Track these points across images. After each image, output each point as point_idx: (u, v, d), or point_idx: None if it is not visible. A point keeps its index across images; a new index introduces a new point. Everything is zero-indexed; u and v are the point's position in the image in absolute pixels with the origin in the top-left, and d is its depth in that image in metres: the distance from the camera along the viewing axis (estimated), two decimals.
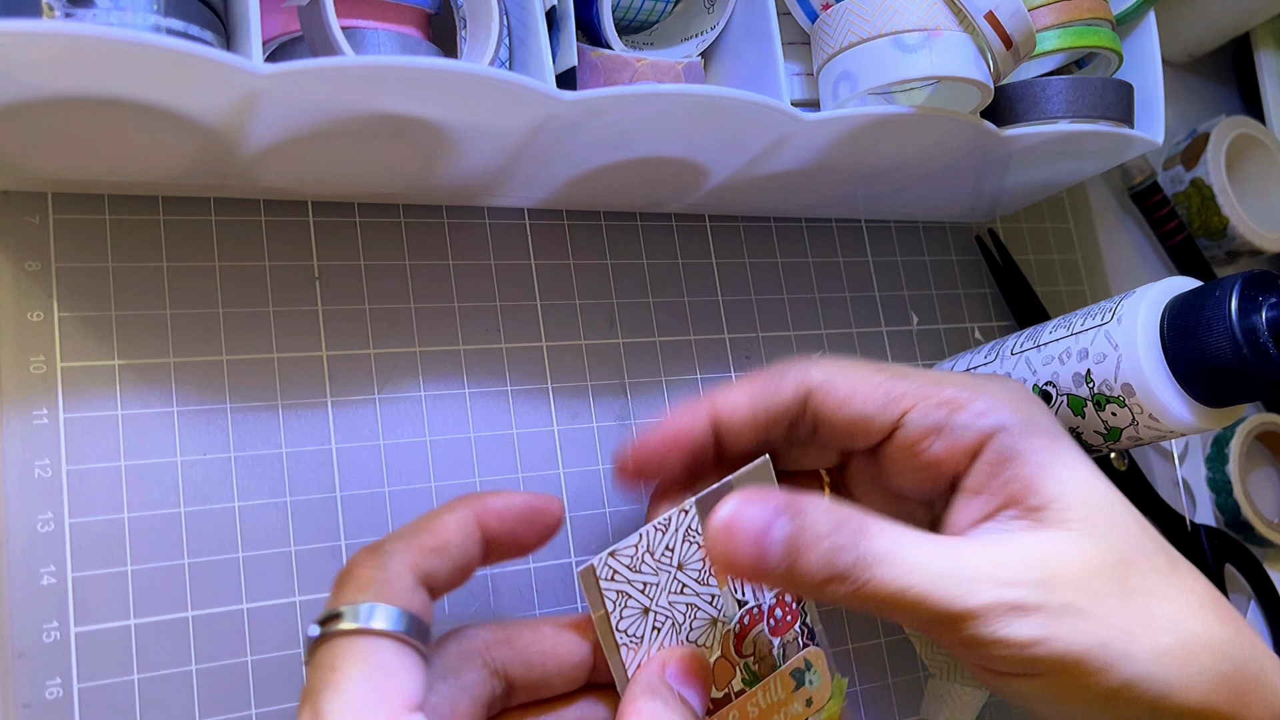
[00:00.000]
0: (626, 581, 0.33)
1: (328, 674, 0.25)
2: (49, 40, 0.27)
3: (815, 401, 0.34)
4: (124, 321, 0.37)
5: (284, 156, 0.36)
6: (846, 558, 0.29)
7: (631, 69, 0.38)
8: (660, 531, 0.34)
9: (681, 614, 0.34)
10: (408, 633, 0.26)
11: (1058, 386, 0.42)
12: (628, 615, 0.33)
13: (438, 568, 0.29)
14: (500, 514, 0.31)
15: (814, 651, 0.37)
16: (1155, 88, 0.47)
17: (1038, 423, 0.32)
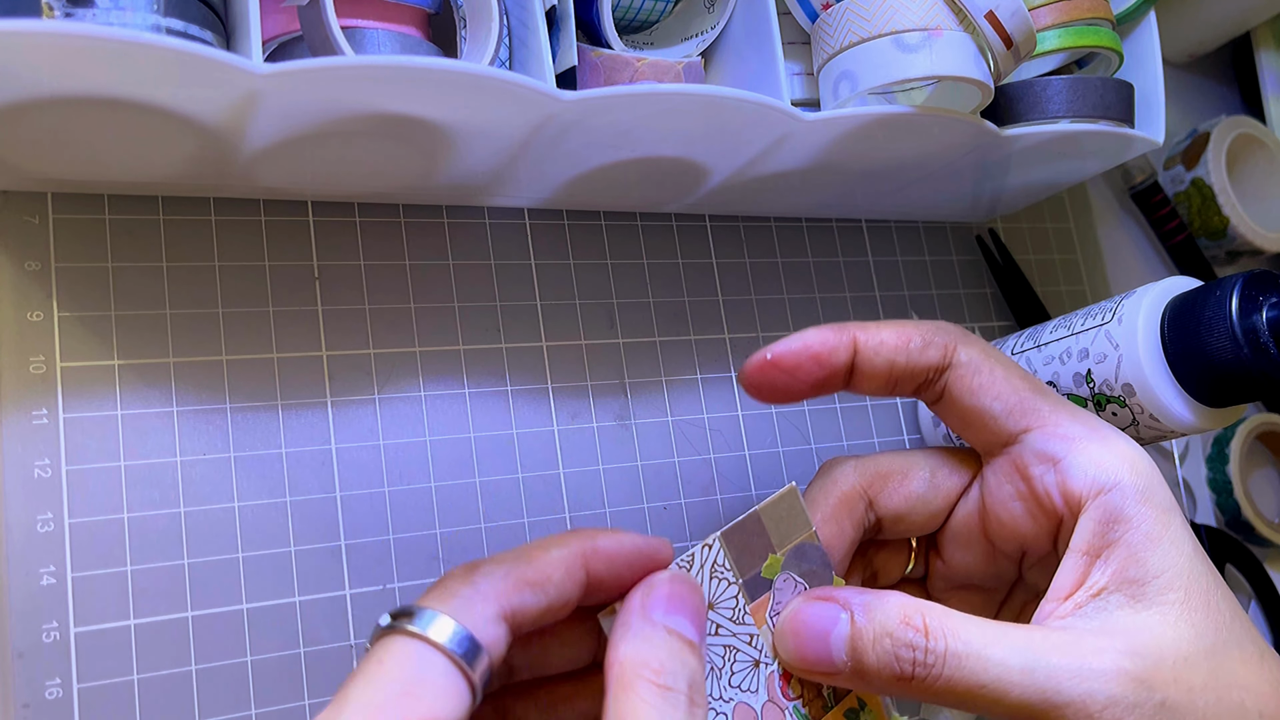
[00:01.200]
0: None
1: (373, 665, 0.25)
2: (49, 40, 0.27)
3: (953, 377, 0.33)
4: (124, 321, 0.37)
5: (284, 156, 0.36)
6: (912, 655, 0.28)
7: (631, 69, 0.38)
8: (684, 568, 0.31)
9: (720, 657, 0.31)
10: (465, 657, 0.25)
11: (1058, 386, 0.42)
12: None
13: (529, 604, 0.27)
14: (609, 557, 0.29)
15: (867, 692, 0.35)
16: (1155, 88, 0.47)
17: (1152, 489, 0.31)
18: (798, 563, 0.34)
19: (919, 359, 0.33)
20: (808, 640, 0.29)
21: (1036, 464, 0.32)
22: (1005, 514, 0.34)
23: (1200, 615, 0.29)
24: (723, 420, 0.46)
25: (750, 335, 0.48)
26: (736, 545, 0.32)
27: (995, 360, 0.33)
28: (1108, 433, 0.32)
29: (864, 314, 0.51)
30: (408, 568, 0.38)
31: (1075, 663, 0.28)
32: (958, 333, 0.33)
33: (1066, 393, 0.41)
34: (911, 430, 0.50)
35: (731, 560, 0.32)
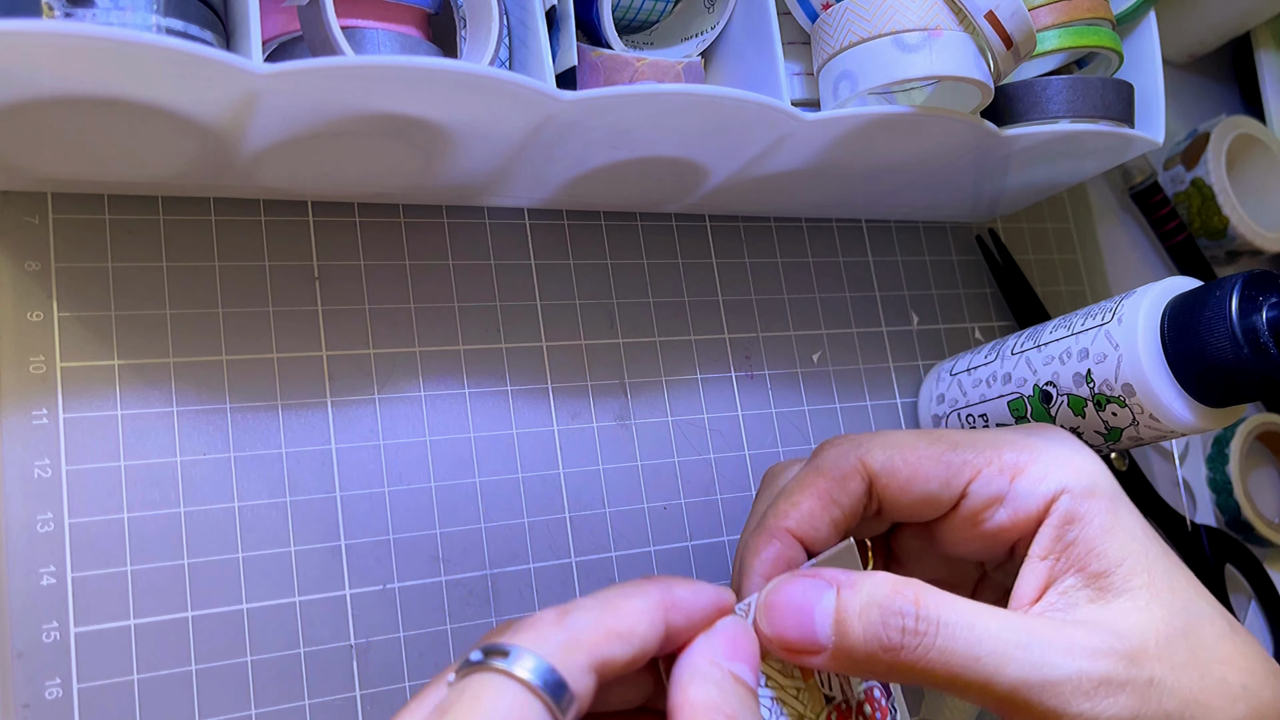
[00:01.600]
0: None
1: (469, 700, 0.25)
2: (49, 40, 0.27)
3: (879, 486, 0.33)
4: (124, 321, 0.37)
5: (284, 156, 0.36)
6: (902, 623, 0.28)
7: (631, 69, 0.38)
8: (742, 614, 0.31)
9: (767, 712, 0.31)
10: (561, 706, 0.25)
11: (1058, 386, 0.42)
12: None
13: (617, 654, 0.27)
14: (688, 610, 0.29)
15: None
16: (1155, 88, 0.47)
17: (1096, 483, 0.32)
18: None
19: (846, 500, 0.33)
20: (789, 615, 0.29)
21: (986, 509, 0.32)
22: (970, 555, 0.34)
23: (1168, 596, 0.30)
24: (723, 420, 0.46)
25: (750, 335, 0.48)
26: None
27: (904, 446, 0.33)
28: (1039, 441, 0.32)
29: (864, 314, 0.51)
30: (408, 568, 0.38)
31: (1066, 641, 0.28)
32: (853, 448, 0.33)
33: (1067, 393, 0.41)
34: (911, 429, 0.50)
35: None
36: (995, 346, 0.46)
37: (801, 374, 0.48)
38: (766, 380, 0.47)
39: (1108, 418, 0.40)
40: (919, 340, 0.52)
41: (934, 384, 0.49)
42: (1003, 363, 0.45)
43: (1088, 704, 0.28)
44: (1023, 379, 0.43)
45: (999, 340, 0.47)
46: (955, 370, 0.48)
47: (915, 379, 0.51)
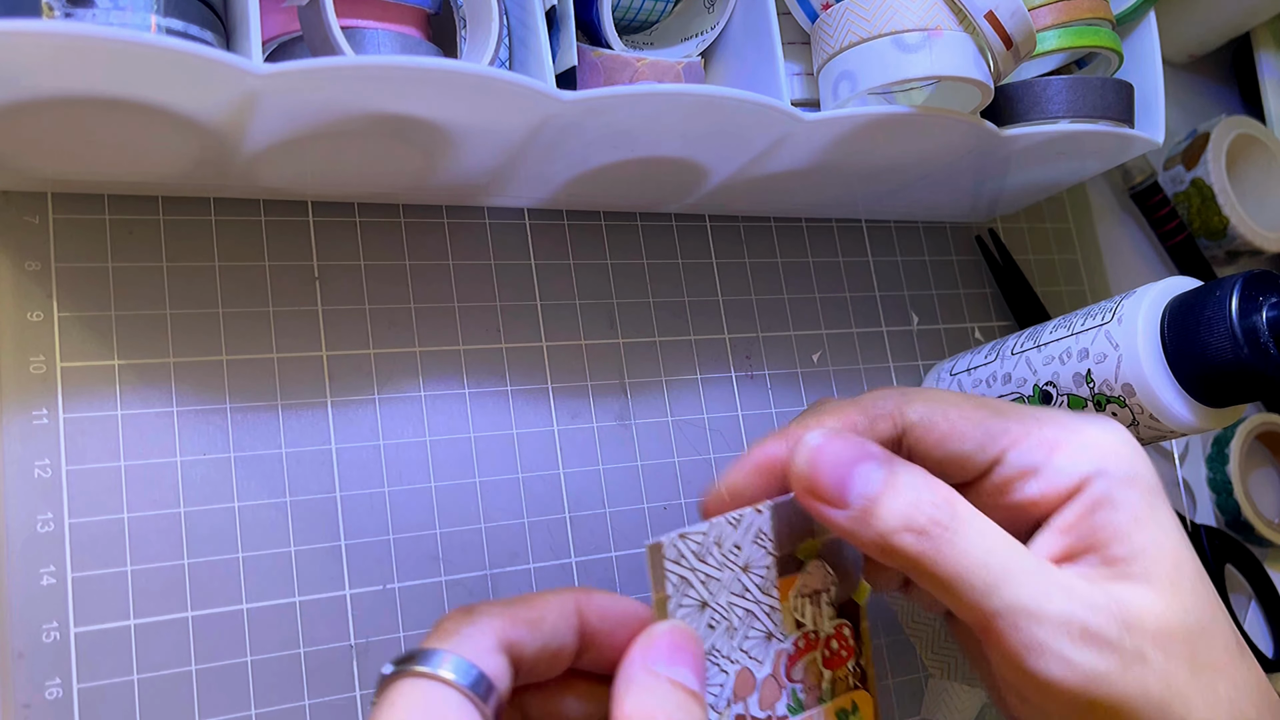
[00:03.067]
0: (690, 569, 0.31)
1: (386, 709, 0.25)
2: (49, 40, 0.27)
3: (912, 438, 0.33)
4: (124, 321, 0.37)
5: (284, 156, 0.36)
6: (934, 513, 0.28)
7: (631, 69, 0.38)
8: (732, 526, 0.32)
9: (739, 619, 0.32)
10: (474, 689, 0.26)
11: (1058, 386, 0.42)
12: (685, 605, 0.31)
13: (525, 639, 0.28)
14: (602, 609, 0.29)
15: (863, 695, 0.35)
16: (1155, 88, 0.47)
17: (1138, 472, 0.31)
18: (832, 554, 0.34)
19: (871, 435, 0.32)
20: (829, 465, 0.29)
21: (1018, 479, 0.32)
22: None
23: (1188, 597, 0.29)
24: (723, 420, 0.46)
25: (750, 335, 0.48)
26: (781, 518, 0.33)
27: (946, 404, 0.33)
28: (1084, 424, 0.32)
29: (864, 314, 0.51)
30: (408, 568, 0.38)
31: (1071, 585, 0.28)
32: (897, 395, 0.33)
33: (1067, 393, 0.41)
34: None
35: (774, 531, 0.32)
36: (995, 346, 0.46)
37: (801, 374, 0.48)
38: (766, 380, 0.47)
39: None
40: (919, 340, 0.52)
41: (934, 384, 0.49)
42: (1003, 363, 0.45)
43: (1069, 648, 0.27)
44: (1023, 379, 0.43)
45: (999, 340, 0.47)
46: (955, 370, 0.48)
47: (915, 379, 0.51)
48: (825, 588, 0.34)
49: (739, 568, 0.32)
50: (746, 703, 0.32)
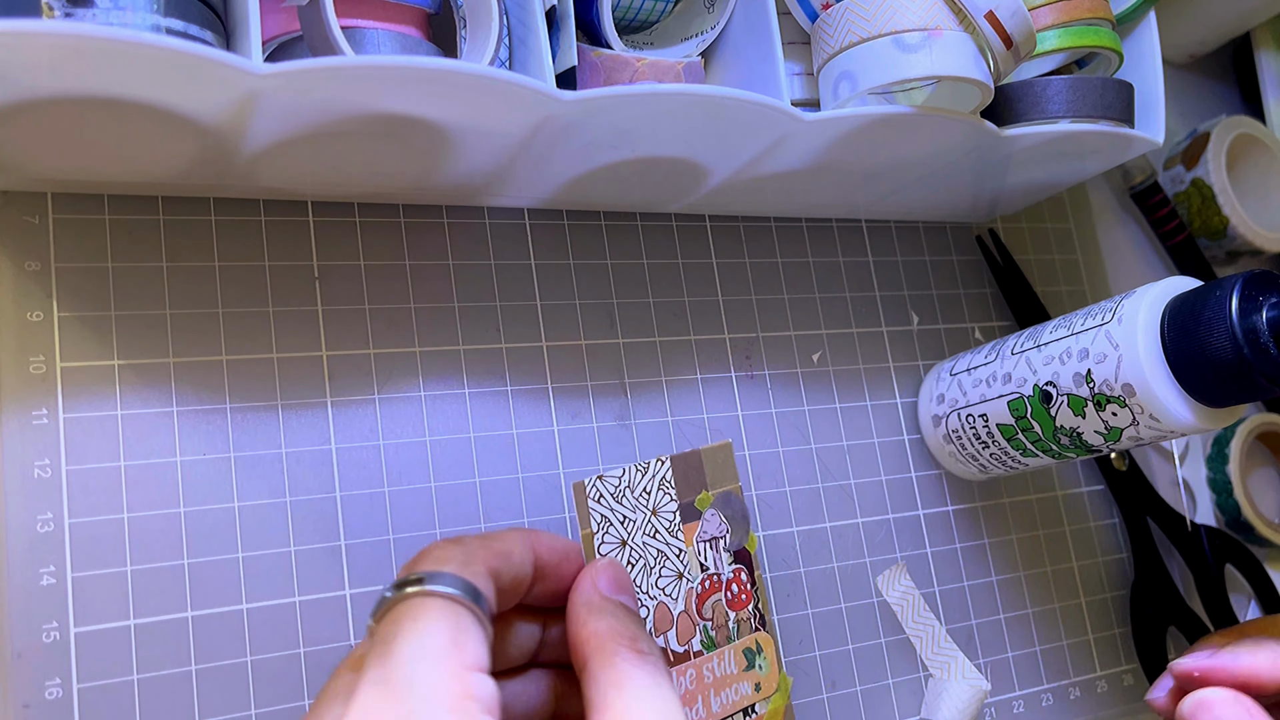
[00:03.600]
0: (610, 509, 0.36)
1: (406, 624, 0.26)
2: (49, 40, 0.27)
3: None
4: (124, 321, 0.37)
5: (284, 156, 0.36)
6: None
7: (631, 69, 0.38)
8: (640, 473, 0.36)
9: (653, 558, 0.36)
10: (481, 608, 0.27)
11: (1058, 386, 0.41)
12: (609, 541, 0.36)
13: (502, 570, 0.30)
14: (550, 545, 0.32)
15: (764, 637, 0.39)
16: (1155, 88, 0.47)
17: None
18: (724, 505, 0.39)
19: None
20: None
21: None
22: None
23: None
24: (723, 420, 0.46)
25: (750, 335, 0.48)
26: (680, 470, 0.38)
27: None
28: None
29: (864, 314, 0.51)
30: None
31: None
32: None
33: (1067, 393, 0.41)
34: (911, 430, 0.50)
35: (674, 482, 0.37)
36: (995, 346, 0.46)
37: (801, 374, 0.48)
38: (766, 380, 0.47)
39: (1108, 418, 0.40)
40: (919, 340, 0.52)
41: (934, 384, 0.49)
42: (1003, 363, 0.45)
43: None
44: (1023, 379, 0.43)
45: (999, 340, 0.47)
46: (955, 370, 0.48)
47: (915, 379, 0.51)
48: (721, 535, 0.39)
49: (649, 510, 0.37)
50: (666, 636, 0.36)
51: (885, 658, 0.46)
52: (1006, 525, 0.51)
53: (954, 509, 0.50)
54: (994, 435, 0.46)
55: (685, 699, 0.36)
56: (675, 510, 0.37)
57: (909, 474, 0.50)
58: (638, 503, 0.36)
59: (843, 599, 0.46)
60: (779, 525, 0.46)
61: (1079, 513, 0.54)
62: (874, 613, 0.47)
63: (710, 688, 0.37)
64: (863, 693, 0.45)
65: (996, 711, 0.48)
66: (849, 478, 0.48)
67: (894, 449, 0.49)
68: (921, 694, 0.47)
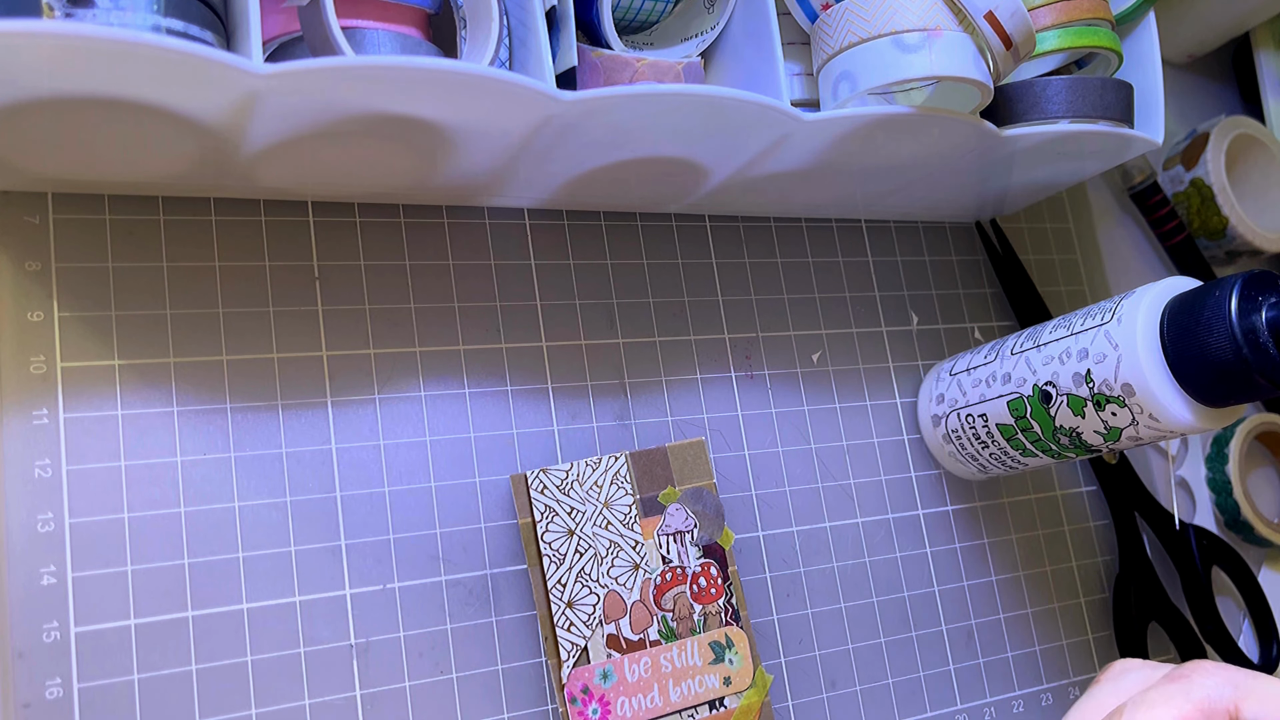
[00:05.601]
0: (555, 500, 0.38)
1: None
2: (49, 40, 0.27)
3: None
4: (124, 321, 0.37)
5: (284, 156, 0.36)
6: None
7: (631, 69, 0.38)
8: (591, 468, 0.39)
9: (604, 548, 0.38)
10: None
11: (1058, 387, 0.42)
12: (553, 530, 0.38)
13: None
14: None
15: (737, 632, 0.40)
16: (1155, 88, 0.47)
17: None
18: (693, 501, 0.41)
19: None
20: None
21: None
22: None
23: None
24: (723, 420, 0.46)
25: (750, 335, 0.48)
26: (641, 466, 0.40)
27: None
28: None
29: (864, 314, 0.51)
30: (408, 568, 0.39)
31: None
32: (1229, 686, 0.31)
33: (1066, 393, 0.41)
34: (911, 430, 0.50)
35: (633, 476, 0.40)
36: (995, 346, 0.46)
37: (801, 374, 0.48)
38: (766, 380, 0.47)
39: (1107, 418, 0.40)
40: (919, 340, 0.52)
41: (933, 384, 0.49)
42: (1002, 363, 0.45)
43: None
44: (1022, 379, 0.43)
45: (998, 340, 0.47)
46: (955, 370, 0.48)
47: (915, 379, 0.51)
48: (687, 529, 0.40)
49: (600, 504, 0.39)
50: (619, 624, 0.38)
51: (885, 658, 0.46)
52: (1006, 525, 0.51)
53: (953, 509, 0.50)
54: (994, 435, 0.46)
55: (640, 686, 0.37)
56: (632, 504, 0.39)
57: (909, 474, 0.50)
58: (587, 495, 0.38)
59: (843, 599, 0.46)
60: (779, 525, 0.46)
61: (1078, 513, 0.54)
62: (874, 612, 0.47)
63: (669, 677, 0.38)
64: (862, 692, 0.45)
65: (996, 711, 0.48)
66: (849, 477, 0.48)
67: (893, 448, 0.50)
68: (921, 693, 0.47)
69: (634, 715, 0.38)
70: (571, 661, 0.38)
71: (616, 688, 0.38)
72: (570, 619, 0.38)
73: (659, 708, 0.38)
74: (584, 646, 0.38)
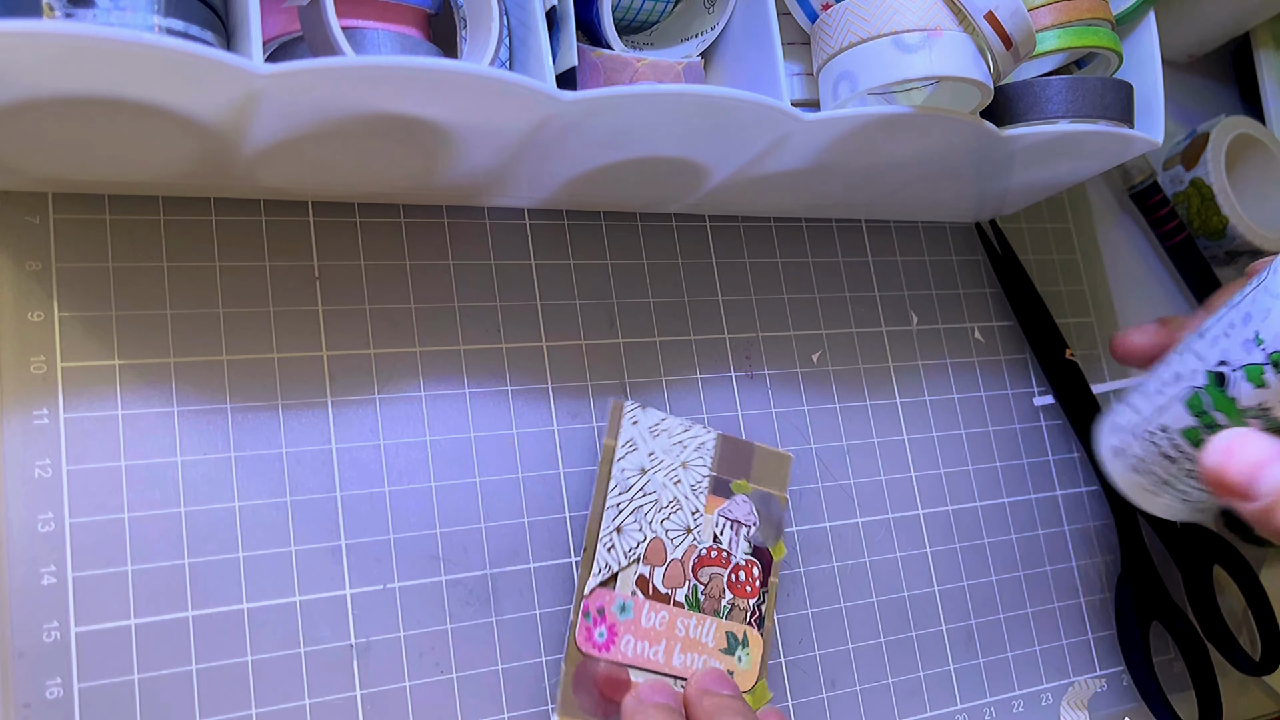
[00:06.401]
0: (642, 436, 0.40)
1: None
2: (49, 40, 0.27)
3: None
4: (124, 321, 0.37)
5: (284, 156, 0.36)
6: None
7: (631, 69, 0.38)
8: (683, 429, 0.40)
9: (667, 500, 0.40)
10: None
11: (1229, 363, 0.37)
12: (630, 461, 0.40)
13: None
14: None
15: (755, 635, 0.41)
16: (1155, 88, 0.47)
17: None
18: (761, 502, 0.42)
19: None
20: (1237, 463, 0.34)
21: None
22: None
23: None
24: (723, 420, 0.46)
25: (750, 335, 0.48)
26: (726, 449, 0.42)
27: None
28: None
29: (864, 314, 0.51)
30: (408, 568, 0.39)
31: None
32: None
33: (1240, 365, 0.36)
34: (910, 429, 0.50)
35: (717, 455, 0.42)
36: (1154, 373, 0.43)
37: (801, 374, 0.48)
38: (766, 380, 0.47)
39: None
40: (919, 340, 0.52)
41: (1107, 420, 0.45)
42: (1168, 366, 0.42)
43: None
44: (1193, 370, 0.40)
45: (1153, 370, 0.43)
46: (1124, 397, 0.44)
47: (915, 379, 0.51)
48: (746, 523, 0.41)
49: (678, 463, 0.40)
50: (653, 570, 0.40)
51: (885, 657, 0.46)
52: (1006, 525, 0.51)
53: (953, 509, 0.50)
54: (1180, 446, 0.41)
55: (650, 634, 0.39)
56: (705, 476, 0.40)
57: (909, 474, 0.50)
58: (670, 447, 0.40)
59: (843, 599, 0.46)
60: None
61: (1078, 513, 0.54)
62: (874, 612, 0.47)
63: (679, 641, 0.39)
64: (862, 692, 0.45)
65: (996, 711, 0.48)
66: (849, 477, 0.48)
67: (893, 448, 0.50)
68: (921, 693, 0.47)
69: (635, 657, 0.39)
70: (599, 579, 0.39)
71: (629, 624, 0.39)
72: (614, 542, 0.39)
73: (658, 663, 0.39)
74: (615, 572, 0.39)
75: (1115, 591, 0.53)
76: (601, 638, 0.39)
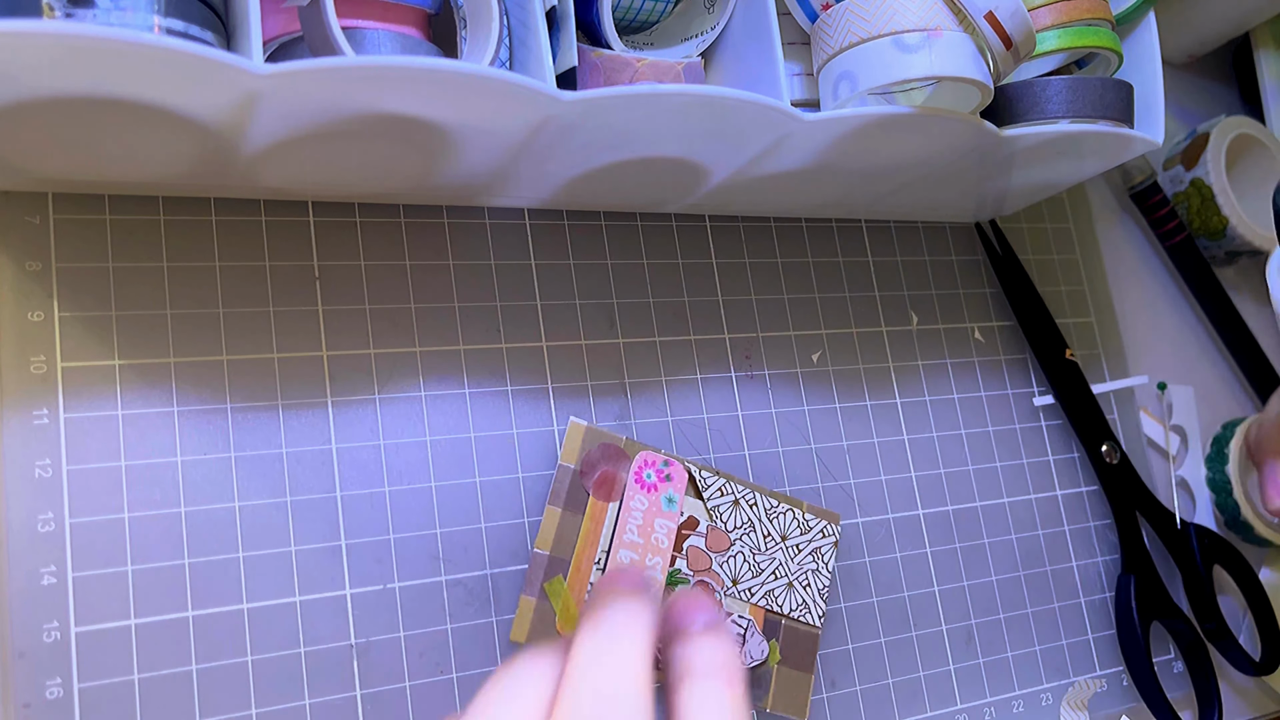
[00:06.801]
0: (728, 494, 0.44)
1: None
2: (49, 40, 0.27)
3: None
4: (124, 321, 0.37)
5: (284, 156, 0.36)
6: None
7: (631, 69, 0.38)
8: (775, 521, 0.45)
9: (757, 532, 0.44)
10: None
11: None
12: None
13: None
14: None
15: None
16: (1155, 88, 0.47)
17: None
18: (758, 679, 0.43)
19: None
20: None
21: None
22: None
23: None
24: (723, 420, 0.46)
25: (750, 335, 0.48)
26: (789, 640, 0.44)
27: None
28: None
29: (864, 314, 0.51)
30: (408, 568, 0.39)
31: None
32: None
33: None
34: (910, 429, 0.50)
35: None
36: None
37: (801, 374, 0.48)
38: (766, 380, 0.47)
39: None
40: (919, 340, 0.52)
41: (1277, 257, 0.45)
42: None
43: None
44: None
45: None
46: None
47: (915, 379, 0.51)
48: (747, 660, 0.43)
49: (778, 533, 0.45)
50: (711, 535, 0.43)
51: (885, 658, 0.46)
52: (1006, 525, 0.51)
53: (953, 509, 0.50)
54: None
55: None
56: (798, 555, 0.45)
57: (909, 474, 0.50)
58: (765, 515, 0.45)
59: (843, 599, 0.46)
60: None
61: (1078, 513, 0.54)
62: (874, 612, 0.47)
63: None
64: (862, 692, 0.45)
65: (996, 711, 0.48)
66: (849, 477, 0.48)
67: (893, 448, 0.50)
68: (921, 693, 0.47)
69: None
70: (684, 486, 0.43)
71: (673, 511, 0.43)
72: (707, 482, 0.44)
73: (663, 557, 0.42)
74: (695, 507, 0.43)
75: (1115, 592, 0.53)
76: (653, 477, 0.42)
